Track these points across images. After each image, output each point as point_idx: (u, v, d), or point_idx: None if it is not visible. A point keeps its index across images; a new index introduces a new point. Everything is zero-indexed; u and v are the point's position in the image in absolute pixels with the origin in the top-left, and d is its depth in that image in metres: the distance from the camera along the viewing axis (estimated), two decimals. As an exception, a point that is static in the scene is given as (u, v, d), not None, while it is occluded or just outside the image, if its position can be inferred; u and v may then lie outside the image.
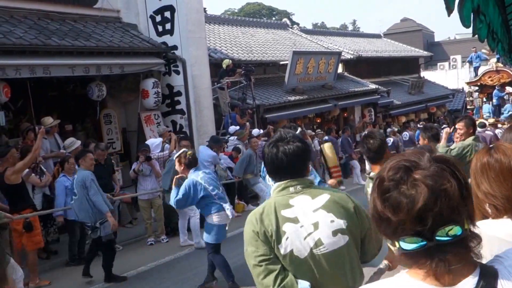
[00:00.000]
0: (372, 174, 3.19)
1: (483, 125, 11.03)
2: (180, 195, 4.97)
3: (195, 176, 5.05)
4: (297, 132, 5.08)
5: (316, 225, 1.84)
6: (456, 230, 0.92)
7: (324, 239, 1.83)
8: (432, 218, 0.91)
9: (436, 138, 4.35)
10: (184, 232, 7.37)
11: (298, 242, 1.83)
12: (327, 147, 4.47)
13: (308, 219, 1.85)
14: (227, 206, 5.16)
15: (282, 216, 1.85)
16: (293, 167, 1.92)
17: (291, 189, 1.91)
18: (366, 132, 4.54)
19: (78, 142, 7.68)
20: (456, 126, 5.10)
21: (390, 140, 13.81)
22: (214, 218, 5.12)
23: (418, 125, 17.21)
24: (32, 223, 5.85)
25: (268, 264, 1.82)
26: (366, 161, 3.38)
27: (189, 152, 5.22)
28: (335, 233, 1.85)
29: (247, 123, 10.90)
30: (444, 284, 0.95)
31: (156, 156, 7.95)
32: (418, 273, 0.97)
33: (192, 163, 5.17)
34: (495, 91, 16.14)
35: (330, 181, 4.26)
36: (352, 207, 1.92)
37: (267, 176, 5.00)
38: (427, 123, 16.41)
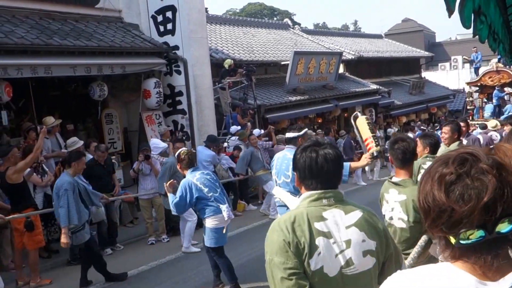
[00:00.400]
0: (395, 179, 3.06)
1: (483, 127, 10.99)
2: (177, 198, 4.80)
3: (191, 177, 4.89)
4: (302, 132, 4.79)
5: (348, 243, 1.74)
6: None
7: (355, 259, 1.73)
8: (500, 209, 0.92)
9: (436, 148, 4.09)
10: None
11: (329, 259, 1.71)
12: (360, 122, 4.19)
13: (341, 235, 1.74)
14: (224, 208, 4.94)
15: (316, 229, 1.72)
16: (332, 175, 1.80)
17: (325, 201, 1.78)
18: (394, 136, 4.67)
19: (81, 142, 7.70)
20: (442, 129, 5.07)
21: None
22: (211, 222, 4.96)
23: (421, 127, 17.14)
24: (33, 223, 5.85)
25: (299, 279, 1.68)
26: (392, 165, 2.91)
27: (183, 151, 5.03)
28: (365, 253, 1.75)
29: (248, 123, 10.91)
30: (488, 278, 0.96)
31: (155, 157, 7.93)
32: (464, 266, 0.98)
33: (189, 162, 4.99)
34: (495, 91, 16.12)
35: (364, 158, 4.03)
36: (382, 228, 1.83)
37: (276, 187, 4.91)
38: (428, 129, 16.34)
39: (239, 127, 10.59)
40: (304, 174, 1.83)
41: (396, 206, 3.03)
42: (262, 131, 11.13)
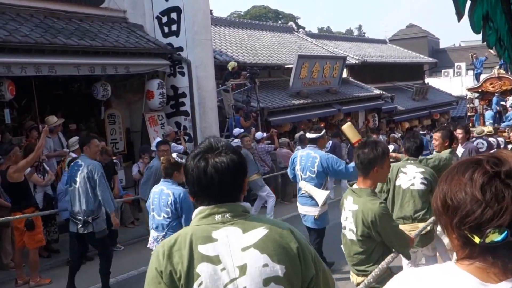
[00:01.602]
0: (355, 186, 2.92)
1: (480, 132, 10.89)
2: None
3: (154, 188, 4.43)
4: (322, 133, 5.18)
5: (243, 269, 1.40)
6: None
7: None
8: None
9: (418, 151, 4.21)
10: None
11: None
12: (345, 128, 4.96)
13: (234, 259, 1.41)
14: (151, 235, 4.34)
15: (199, 253, 1.41)
16: (227, 187, 1.47)
17: (218, 217, 1.45)
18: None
19: None
20: (433, 135, 5.03)
21: (391, 148, 13.71)
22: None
23: (421, 132, 17.04)
24: (33, 222, 5.83)
25: None
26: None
27: (163, 159, 4.43)
28: (267, 281, 1.40)
29: (253, 128, 10.81)
30: (495, 280, 0.97)
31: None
32: (468, 267, 0.99)
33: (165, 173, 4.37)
34: (494, 98, 16.04)
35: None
36: (295, 248, 1.45)
37: (301, 181, 5.10)
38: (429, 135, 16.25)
39: (242, 130, 10.56)
40: (193, 189, 1.50)
41: (349, 215, 2.87)
42: (265, 134, 11.10)
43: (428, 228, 3.95)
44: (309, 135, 5.21)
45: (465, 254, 1.00)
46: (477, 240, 0.95)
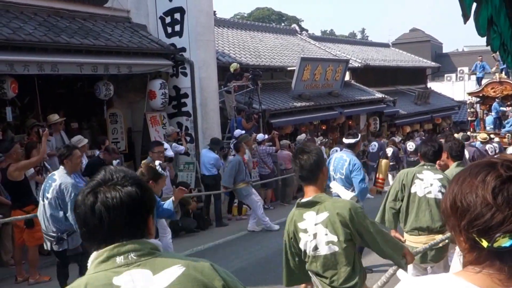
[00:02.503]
0: (305, 199, 2.59)
1: (467, 138, 10.85)
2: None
3: None
4: (358, 139, 5.51)
5: None
6: None
7: None
8: None
9: (436, 156, 3.89)
10: None
11: None
12: (384, 164, 5.51)
13: None
14: None
15: None
16: (121, 226, 1.20)
17: (119, 259, 1.19)
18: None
19: (85, 140, 7.69)
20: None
21: (390, 150, 13.67)
22: None
23: (422, 137, 16.94)
24: (33, 220, 5.83)
25: None
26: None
27: (143, 164, 4.28)
28: None
29: (254, 134, 10.76)
30: (498, 287, 0.96)
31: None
32: (471, 277, 0.97)
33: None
34: (494, 104, 15.98)
35: (372, 188, 5.02)
36: (220, 287, 1.24)
37: (333, 181, 5.31)
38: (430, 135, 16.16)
39: (243, 132, 10.56)
40: (81, 230, 1.25)
41: (318, 229, 2.49)
42: (266, 136, 11.09)
43: (441, 243, 3.65)
44: (346, 140, 5.55)
45: (472, 258, 0.98)
46: (485, 244, 0.94)
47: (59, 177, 4.78)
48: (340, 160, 5.41)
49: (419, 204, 3.74)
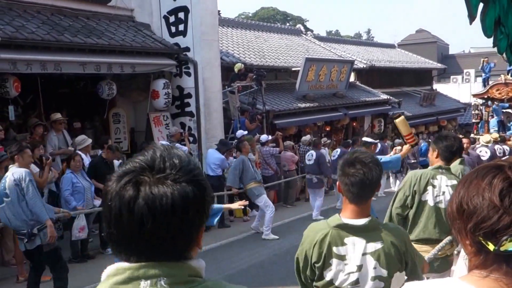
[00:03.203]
0: (352, 221, 2.09)
1: (473, 141, 10.69)
2: None
3: None
4: (374, 141, 5.76)
5: None
6: None
7: None
8: None
9: (452, 155, 3.52)
10: None
11: None
12: (398, 122, 5.09)
13: None
14: None
15: None
16: (163, 238, 0.88)
17: (144, 284, 0.87)
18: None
19: (89, 140, 7.67)
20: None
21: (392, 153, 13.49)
22: None
23: (428, 140, 16.72)
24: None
25: None
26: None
27: None
28: None
29: (257, 135, 10.69)
30: None
31: None
32: (476, 281, 0.96)
33: None
34: (493, 107, 15.82)
35: (405, 148, 4.94)
36: None
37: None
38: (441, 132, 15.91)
39: (245, 132, 10.50)
40: (109, 229, 0.91)
41: (366, 261, 2.04)
42: (270, 137, 11.02)
43: (443, 250, 3.38)
44: (365, 138, 5.93)
45: (478, 262, 0.97)
46: (491, 247, 0.92)
47: (11, 171, 4.71)
48: None
49: (429, 213, 3.41)
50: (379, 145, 13.36)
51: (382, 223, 2.16)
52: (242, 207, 4.34)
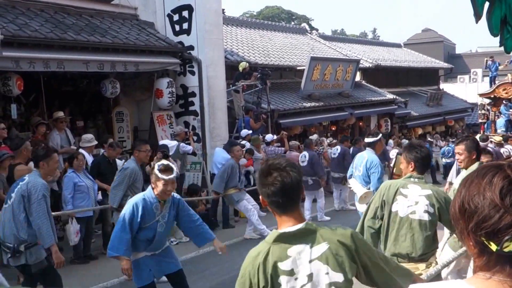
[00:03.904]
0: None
1: (485, 139, 10.50)
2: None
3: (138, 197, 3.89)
4: (377, 138, 5.79)
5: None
6: None
7: None
8: None
9: (424, 164, 3.23)
10: None
11: None
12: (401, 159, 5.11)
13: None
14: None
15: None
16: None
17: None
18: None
19: (95, 142, 7.64)
20: (455, 149, 4.08)
21: (394, 153, 13.30)
22: None
23: (429, 138, 16.47)
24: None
25: None
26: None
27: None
28: None
29: (261, 136, 10.61)
30: None
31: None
32: (482, 283, 0.95)
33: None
34: (502, 107, 15.62)
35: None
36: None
37: (352, 178, 5.65)
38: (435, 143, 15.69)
39: (250, 131, 10.43)
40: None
41: (315, 268, 1.81)
42: (275, 137, 10.95)
43: (434, 270, 3.06)
44: (367, 139, 5.79)
45: (481, 263, 0.96)
46: (493, 247, 0.92)
47: (29, 177, 4.21)
48: (360, 157, 5.77)
49: (399, 226, 3.13)
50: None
51: (324, 225, 1.92)
52: (221, 252, 4.22)
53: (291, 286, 1.79)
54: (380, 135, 5.99)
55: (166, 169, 3.71)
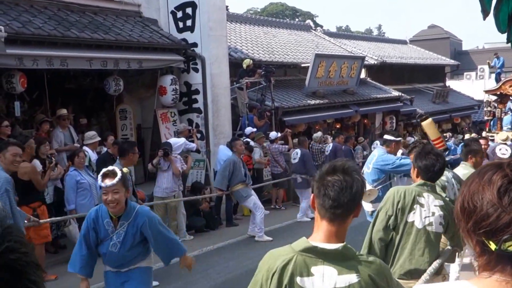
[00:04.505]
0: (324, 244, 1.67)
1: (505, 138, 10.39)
2: None
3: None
4: (398, 139, 5.73)
5: None
6: None
7: None
8: None
9: (431, 172, 2.99)
10: None
11: None
12: (425, 125, 5.02)
13: None
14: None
15: None
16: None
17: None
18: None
19: (98, 138, 7.63)
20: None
21: (399, 152, 13.18)
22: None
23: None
24: (39, 217, 5.77)
25: None
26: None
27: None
28: None
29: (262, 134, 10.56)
30: None
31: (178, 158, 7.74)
32: (485, 283, 0.94)
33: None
34: (508, 103, 15.43)
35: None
36: None
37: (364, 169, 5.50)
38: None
39: (254, 129, 10.38)
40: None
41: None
42: (279, 134, 10.89)
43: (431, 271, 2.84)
44: (386, 136, 5.69)
45: (483, 262, 0.96)
46: (492, 247, 0.92)
47: None
48: (371, 154, 5.81)
49: (416, 238, 2.81)
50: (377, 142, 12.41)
51: (360, 253, 1.71)
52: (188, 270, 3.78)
53: None
54: (400, 138, 5.78)
55: (106, 175, 3.17)
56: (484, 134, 13.76)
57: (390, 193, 2.96)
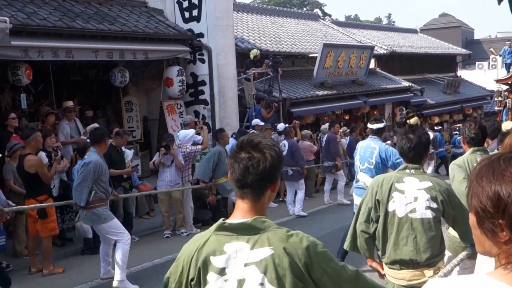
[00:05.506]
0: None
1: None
2: None
3: None
4: (384, 124, 5.20)
5: None
6: None
7: None
8: None
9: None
10: (107, 261, 5.61)
11: None
12: (412, 123, 4.74)
13: None
14: None
15: None
16: None
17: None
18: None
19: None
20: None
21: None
22: None
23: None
24: (46, 210, 5.75)
25: None
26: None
27: None
28: None
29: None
30: None
31: (188, 149, 7.64)
32: (503, 276, 0.93)
33: None
34: None
35: None
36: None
37: (360, 173, 4.98)
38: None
39: (262, 123, 10.25)
40: None
41: (248, 274, 1.47)
42: (287, 126, 10.76)
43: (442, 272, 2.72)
44: (371, 125, 5.11)
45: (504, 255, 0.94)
46: (488, 244, 0.92)
47: None
48: (368, 148, 4.97)
49: (399, 228, 2.72)
50: (346, 139, 11.27)
51: (279, 226, 1.54)
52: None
53: (218, 287, 1.49)
54: (384, 122, 5.37)
55: None
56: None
57: (371, 184, 2.91)
